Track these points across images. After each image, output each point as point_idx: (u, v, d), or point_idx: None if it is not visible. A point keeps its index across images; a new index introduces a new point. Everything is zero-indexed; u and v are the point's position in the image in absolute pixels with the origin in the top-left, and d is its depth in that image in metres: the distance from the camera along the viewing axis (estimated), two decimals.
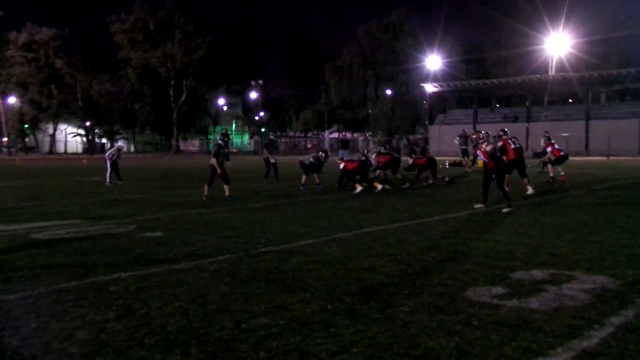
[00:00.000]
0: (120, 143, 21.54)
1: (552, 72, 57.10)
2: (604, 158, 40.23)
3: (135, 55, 71.81)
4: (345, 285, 5.11)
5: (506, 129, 14.20)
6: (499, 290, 4.92)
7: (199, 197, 13.23)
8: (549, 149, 17.53)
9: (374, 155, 16.20)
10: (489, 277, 5.38)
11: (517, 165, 13.44)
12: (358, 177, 14.95)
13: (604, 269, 5.65)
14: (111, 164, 17.97)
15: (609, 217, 9.49)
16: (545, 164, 22.34)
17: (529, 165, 15.07)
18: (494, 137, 15.23)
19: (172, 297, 4.76)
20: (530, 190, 13.29)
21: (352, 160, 15.45)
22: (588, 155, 47.70)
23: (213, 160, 12.87)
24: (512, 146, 13.42)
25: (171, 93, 74.98)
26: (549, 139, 18.38)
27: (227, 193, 12.94)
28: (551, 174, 17.11)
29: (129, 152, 77.98)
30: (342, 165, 15.16)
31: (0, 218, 9.90)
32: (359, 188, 14.35)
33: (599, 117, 52.84)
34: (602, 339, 3.75)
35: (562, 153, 17.46)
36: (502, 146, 13.24)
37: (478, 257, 6.28)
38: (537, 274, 5.47)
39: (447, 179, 17.82)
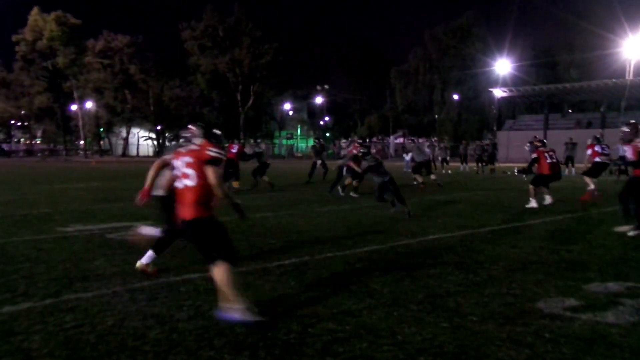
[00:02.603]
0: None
1: (630, 76, 54.70)
2: None
3: (205, 61, 73.78)
4: (411, 293, 5.08)
5: (544, 140, 13.42)
6: (572, 302, 4.76)
7: (264, 200, 13.41)
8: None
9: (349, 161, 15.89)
10: (562, 288, 5.21)
11: (552, 179, 12.55)
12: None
13: None
14: None
15: None
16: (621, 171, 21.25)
17: (604, 174, 14.34)
18: (529, 143, 14.38)
19: (176, 304, 4.84)
20: (548, 200, 12.44)
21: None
22: None
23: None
24: (548, 160, 12.30)
25: (238, 98, 76.55)
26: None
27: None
28: None
29: None
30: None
31: (77, 218, 10.34)
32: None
33: None
34: None
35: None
36: (535, 158, 12.69)
37: (550, 268, 6.10)
38: (613, 286, 5.26)
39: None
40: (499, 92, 60.44)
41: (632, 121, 8.94)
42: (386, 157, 17.22)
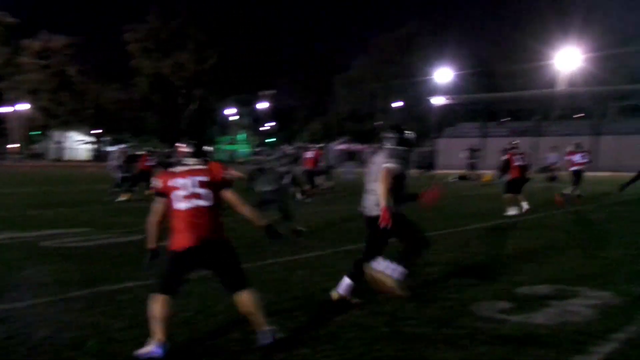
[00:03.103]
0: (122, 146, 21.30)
1: (561, 86, 57.12)
2: (613, 174, 40.09)
3: (147, 64, 72.46)
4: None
5: (516, 142, 13.54)
6: (504, 305, 4.95)
7: None
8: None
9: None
10: (494, 291, 5.42)
11: (522, 183, 12.50)
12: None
13: (609, 284, 5.67)
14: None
15: (614, 232, 9.50)
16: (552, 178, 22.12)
17: (535, 180, 14.94)
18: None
19: (180, 308, 4.81)
20: (513, 211, 12.10)
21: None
22: (597, 170, 47.56)
23: None
24: (517, 163, 12.45)
25: (181, 102, 75.53)
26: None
27: None
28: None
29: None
30: None
31: (9, 225, 9.99)
32: None
33: (608, 132, 52.71)
34: (606, 355, 3.79)
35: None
36: (505, 161, 12.88)
37: (483, 272, 6.32)
38: (542, 289, 5.50)
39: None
40: (438, 100, 61.91)
41: None
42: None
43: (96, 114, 72.04)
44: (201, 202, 4.00)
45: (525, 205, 12.27)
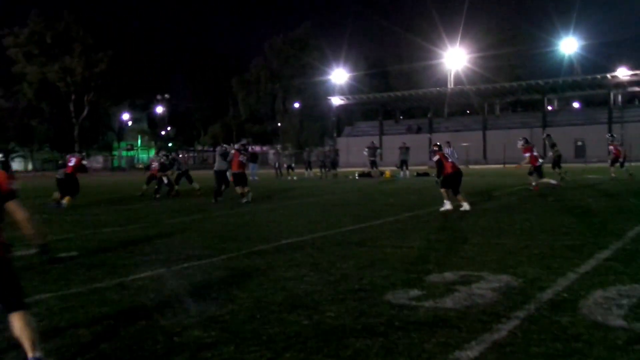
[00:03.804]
0: None
1: (450, 85, 60.04)
2: (501, 166, 42.69)
3: (32, 70, 68.70)
4: (271, 295, 5.27)
5: (439, 143, 13.52)
6: (415, 292, 5.25)
7: (109, 215, 12.93)
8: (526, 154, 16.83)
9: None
10: (406, 280, 5.71)
11: (457, 177, 12.52)
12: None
13: (508, 268, 6.14)
14: None
15: (508, 221, 10.20)
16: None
17: (432, 175, 15.69)
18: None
19: (98, 316, 4.74)
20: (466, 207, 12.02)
21: None
22: (487, 163, 50.44)
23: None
24: (450, 160, 12.64)
25: (71, 108, 72.20)
26: (527, 142, 17.42)
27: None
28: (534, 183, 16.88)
29: (26, 170, 74.15)
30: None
31: None
32: None
33: (495, 127, 56.14)
34: (509, 331, 4.13)
35: (539, 162, 16.96)
36: (437, 160, 12.59)
37: (394, 263, 6.63)
38: (449, 275, 5.87)
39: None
40: (336, 100, 63.21)
41: None
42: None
43: None
44: None
45: (466, 206, 11.99)
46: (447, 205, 12.07)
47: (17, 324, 3.48)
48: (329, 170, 31.51)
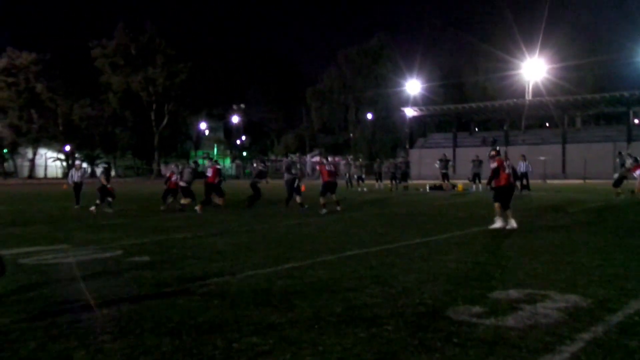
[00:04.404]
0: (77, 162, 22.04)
1: (528, 96, 58.33)
2: (581, 181, 41.04)
3: (117, 80, 72.05)
4: (330, 306, 5.32)
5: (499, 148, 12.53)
6: (477, 309, 5.16)
7: (183, 221, 13.38)
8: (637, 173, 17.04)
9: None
10: (468, 297, 5.62)
11: (509, 192, 11.82)
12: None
13: (577, 288, 5.92)
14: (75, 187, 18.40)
15: (583, 238, 9.83)
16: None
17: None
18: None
19: (164, 319, 4.92)
20: (512, 224, 11.33)
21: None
22: (565, 178, 48.61)
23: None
24: (507, 171, 11.70)
25: (152, 117, 75.15)
26: (636, 160, 17.75)
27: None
28: None
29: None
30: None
31: None
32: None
33: (575, 140, 54.00)
34: (572, 354, 3.99)
35: None
36: (495, 168, 11.63)
37: (457, 278, 6.53)
38: (514, 293, 5.72)
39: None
40: (410, 112, 62.74)
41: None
42: (304, 176, 18.21)
43: (66, 130, 71.26)
44: None
45: (513, 224, 11.31)
46: (499, 223, 11.33)
47: None
48: (400, 182, 31.28)
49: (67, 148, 73.74)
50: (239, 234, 11.30)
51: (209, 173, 17.10)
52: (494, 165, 11.56)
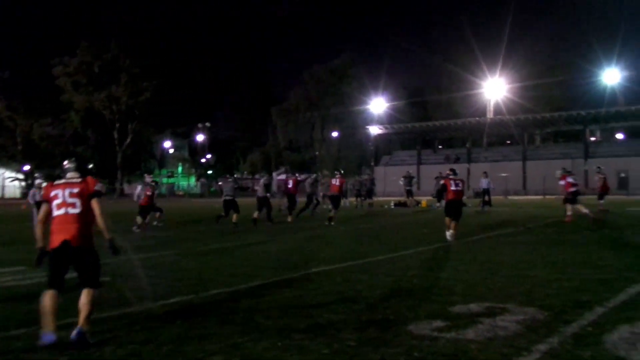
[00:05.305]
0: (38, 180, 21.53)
1: (490, 115, 59.61)
2: (541, 197, 41.94)
3: (79, 99, 70.95)
4: (295, 323, 5.35)
5: (455, 169, 13.26)
6: (438, 323, 5.25)
7: (144, 240, 13.24)
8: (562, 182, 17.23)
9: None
10: (430, 311, 5.72)
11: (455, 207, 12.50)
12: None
13: (535, 301, 6.08)
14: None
15: (542, 253, 10.06)
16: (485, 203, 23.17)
17: (469, 205, 15.61)
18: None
19: (126, 340, 4.88)
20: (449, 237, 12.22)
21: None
22: (526, 194, 49.62)
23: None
24: (453, 187, 12.49)
25: (116, 136, 74.13)
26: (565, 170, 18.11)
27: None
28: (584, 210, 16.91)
29: None
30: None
31: None
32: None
33: (535, 158, 55.28)
34: None
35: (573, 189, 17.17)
36: (443, 185, 13.03)
37: (420, 293, 6.63)
38: (474, 307, 5.84)
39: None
40: (375, 129, 63.42)
41: None
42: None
43: (25, 149, 69.78)
44: (73, 210, 4.98)
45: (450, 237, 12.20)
46: (449, 237, 12.25)
47: (83, 299, 4.82)
48: (365, 199, 31.45)
49: (26, 168, 72.14)
50: (205, 253, 11.23)
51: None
52: (441, 182, 12.96)
